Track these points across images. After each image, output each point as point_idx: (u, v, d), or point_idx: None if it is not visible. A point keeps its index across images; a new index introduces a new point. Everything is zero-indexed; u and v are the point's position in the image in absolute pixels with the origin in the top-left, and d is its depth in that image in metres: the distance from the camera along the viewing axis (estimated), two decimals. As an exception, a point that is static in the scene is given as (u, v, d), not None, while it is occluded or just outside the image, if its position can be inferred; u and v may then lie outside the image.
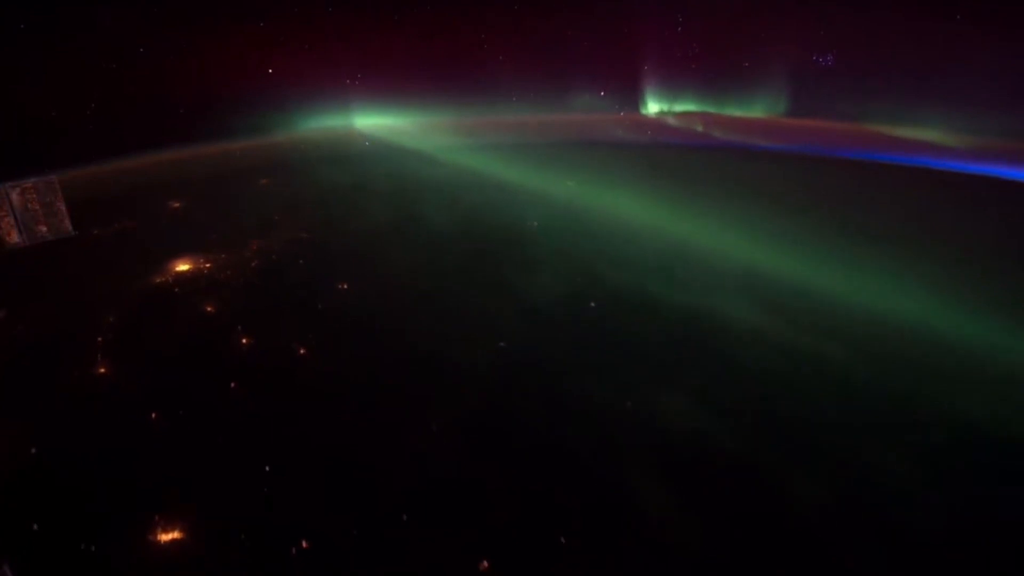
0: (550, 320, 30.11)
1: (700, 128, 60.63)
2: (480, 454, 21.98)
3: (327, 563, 17.52)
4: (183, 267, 38.43)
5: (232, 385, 26.61)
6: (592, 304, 31.43)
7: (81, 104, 50.06)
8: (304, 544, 18.33)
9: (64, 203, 34.41)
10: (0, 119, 43.17)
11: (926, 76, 47.35)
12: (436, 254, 37.94)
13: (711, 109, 61.84)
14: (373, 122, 62.55)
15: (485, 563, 17.59)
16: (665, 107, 62.81)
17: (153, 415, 24.86)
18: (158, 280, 36.56)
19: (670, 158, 51.45)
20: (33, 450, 23.31)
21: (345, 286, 35.02)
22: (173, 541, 19.17)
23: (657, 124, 62.37)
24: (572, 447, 22.22)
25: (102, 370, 28.34)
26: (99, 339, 30.51)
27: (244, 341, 29.95)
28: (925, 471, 20.54)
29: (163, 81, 51.98)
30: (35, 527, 19.14)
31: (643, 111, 62.90)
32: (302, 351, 28.83)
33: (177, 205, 48.08)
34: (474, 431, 23.12)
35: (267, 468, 21.62)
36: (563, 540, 18.58)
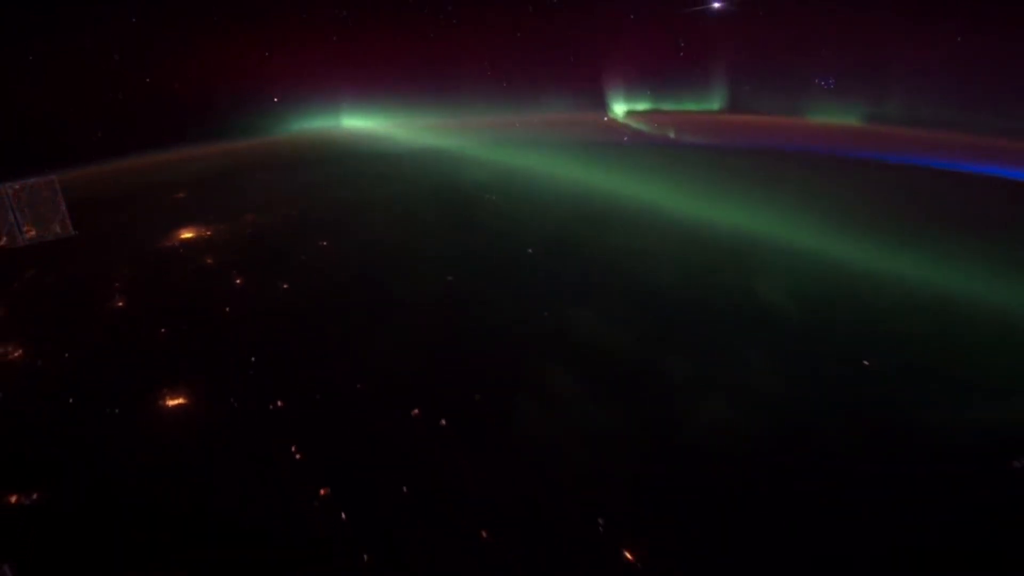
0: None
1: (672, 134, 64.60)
2: (427, 356, 27.79)
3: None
4: (186, 235, 44.57)
5: (227, 309, 32.84)
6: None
7: (81, 104, 51.71)
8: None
9: (64, 203, 34.32)
10: (0, 119, 44.73)
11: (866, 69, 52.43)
12: (411, 219, 43.79)
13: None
14: (364, 123, 68.26)
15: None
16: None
17: (162, 330, 30.99)
18: (165, 244, 42.80)
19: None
20: (66, 355, 29.51)
21: (324, 243, 41.10)
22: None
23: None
24: (498, 346, 28.14)
25: (120, 304, 34.47)
26: (116, 284, 36.76)
27: (237, 281, 36.07)
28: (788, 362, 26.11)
29: (163, 81, 55.86)
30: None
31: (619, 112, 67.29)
32: (284, 286, 34.95)
33: (179, 196, 53.86)
34: (423, 339, 28.95)
35: (253, 359, 27.65)
36: (477, 397, 24.54)
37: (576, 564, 18.05)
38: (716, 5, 55.86)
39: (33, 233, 30.09)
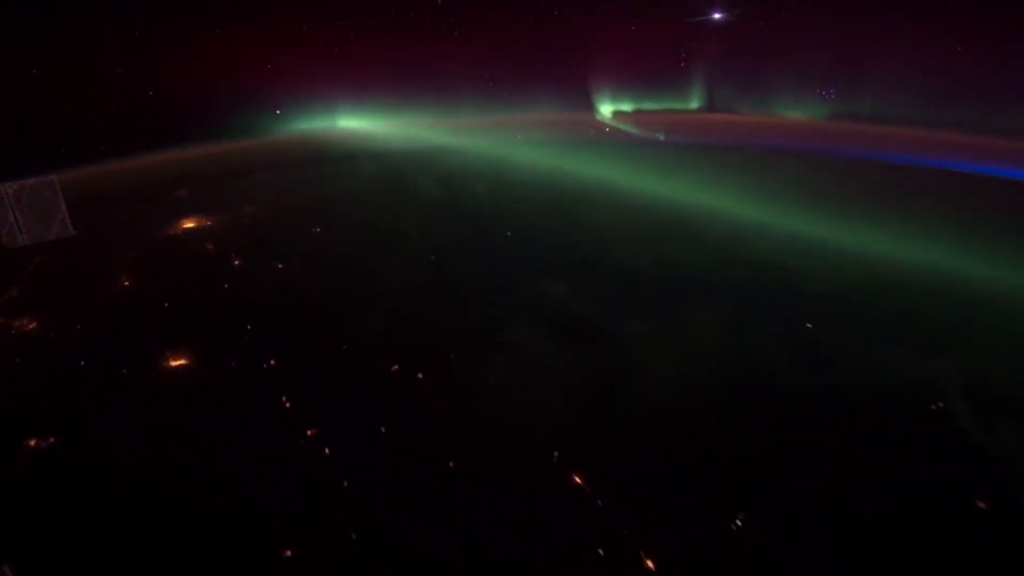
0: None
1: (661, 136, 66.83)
2: (409, 322, 30.36)
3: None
4: (188, 224, 47.26)
5: (225, 286, 35.50)
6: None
7: (81, 104, 50.71)
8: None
9: (64, 203, 36.78)
10: (0, 119, 44.17)
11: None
12: (399, 207, 46.46)
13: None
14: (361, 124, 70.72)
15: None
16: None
17: (166, 303, 33.61)
18: (168, 232, 45.45)
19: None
20: (79, 326, 32.09)
21: (318, 229, 43.77)
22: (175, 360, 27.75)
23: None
24: (472, 312, 30.78)
25: (126, 283, 37.09)
26: (122, 266, 39.36)
27: (236, 262, 38.71)
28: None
29: (163, 81, 55.57)
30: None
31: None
32: (280, 266, 37.57)
33: (180, 193, 56.42)
34: (406, 308, 31.55)
35: (248, 327, 30.22)
36: (452, 355, 27.10)
37: (532, 487, 20.47)
38: (716, 16, 57.82)
39: (33, 233, 33.12)
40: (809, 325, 28.92)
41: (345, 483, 20.89)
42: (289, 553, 18.42)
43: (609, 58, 67.34)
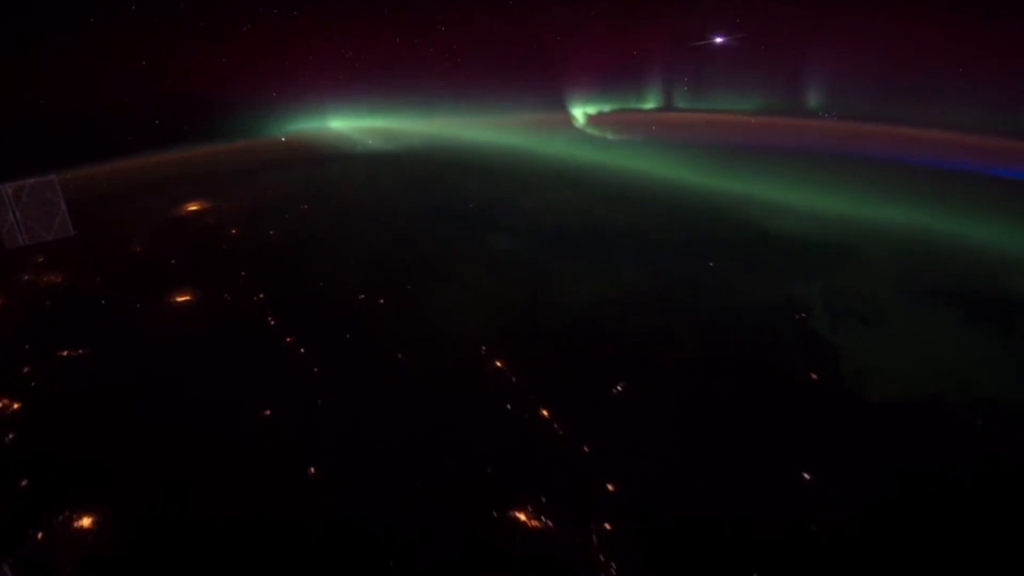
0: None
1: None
2: (377, 273, 35.89)
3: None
4: (191, 207, 53.12)
5: (223, 247, 41.17)
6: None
7: (81, 104, 51.23)
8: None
9: (64, 203, 45.21)
10: (0, 119, 44.54)
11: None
12: (378, 186, 52.35)
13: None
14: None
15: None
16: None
17: (172, 261, 39.24)
18: (173, 213, 51.24)
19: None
20: (98, 277, 37.68)
21: (305, 207, 49.63)
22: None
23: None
24: (434, 264, 36.41)
25: (137, 248, 42.79)
26: (134, 238, 45.10)
27: (233, 232, 44.43)
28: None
29: (163, 81, 57.37)
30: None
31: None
32: (271, 232, 43.33)
33: (182, 188, 62.05)
34: (377, 262, 37.14)
35: (242, 273, 35.81)
36: (409, 287, 32.68)
37: (463, 369, 25.93)
38: (717, 40, 60.12)
39: (33, 233, 37.89)
40: (711, 264, 34.67)
41: (315, 369, 26.39)
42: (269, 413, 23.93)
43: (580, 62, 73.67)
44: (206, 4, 53.47)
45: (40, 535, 18.95)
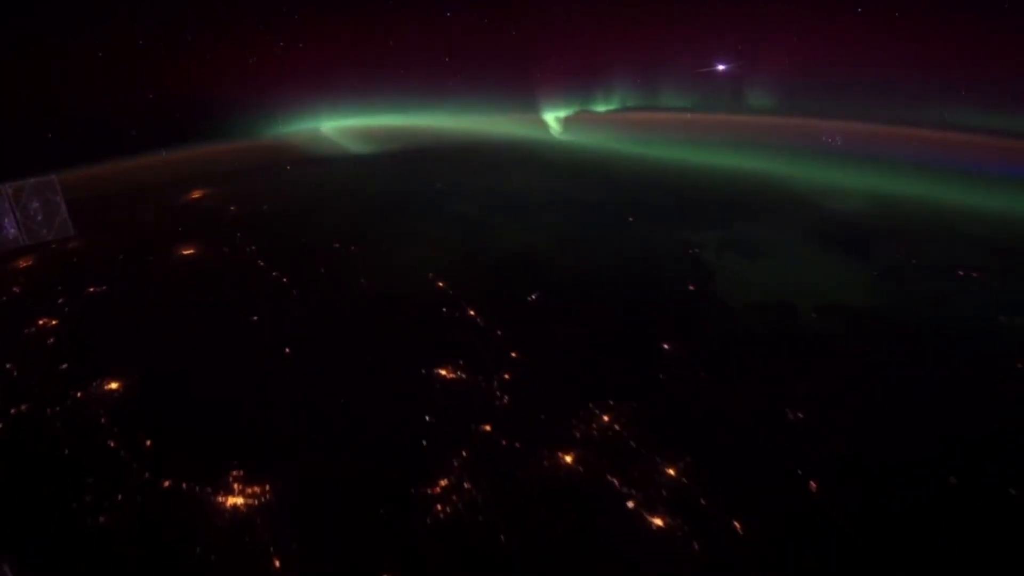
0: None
1: None
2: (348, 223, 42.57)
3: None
4: (195, 195, 60.00)
5: (223, 221, 47.90)
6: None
7: (81, 104, 52.40)
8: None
9: (64, 203, 48.48)
10: (0, 119, 45.61)
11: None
12: (358, 170, 59.19)
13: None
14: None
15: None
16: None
17: (179, 228, 45.92)
18: (179, 200, 58.07)
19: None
20: (121, 256, 44.26)
21: (294, 183, 56.71)
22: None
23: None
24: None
25: (148, 219, 49.50)
26: (147, 218, 51.81)
27: (232, 208, 51.22)
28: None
29: (163, 82, 60.76)
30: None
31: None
32: (265, 207, 50.14)
33: (183, 185, 68.55)
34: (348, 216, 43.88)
35: (238, 234, 42.51)
36: (377, 237, 39.35)
37: (416, 299, 32.32)
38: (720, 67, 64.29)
39: (33, 233, 41.60)
40: (631, 218, 41.43)
41: (294, 292, 32.93)
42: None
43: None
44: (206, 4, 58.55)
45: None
